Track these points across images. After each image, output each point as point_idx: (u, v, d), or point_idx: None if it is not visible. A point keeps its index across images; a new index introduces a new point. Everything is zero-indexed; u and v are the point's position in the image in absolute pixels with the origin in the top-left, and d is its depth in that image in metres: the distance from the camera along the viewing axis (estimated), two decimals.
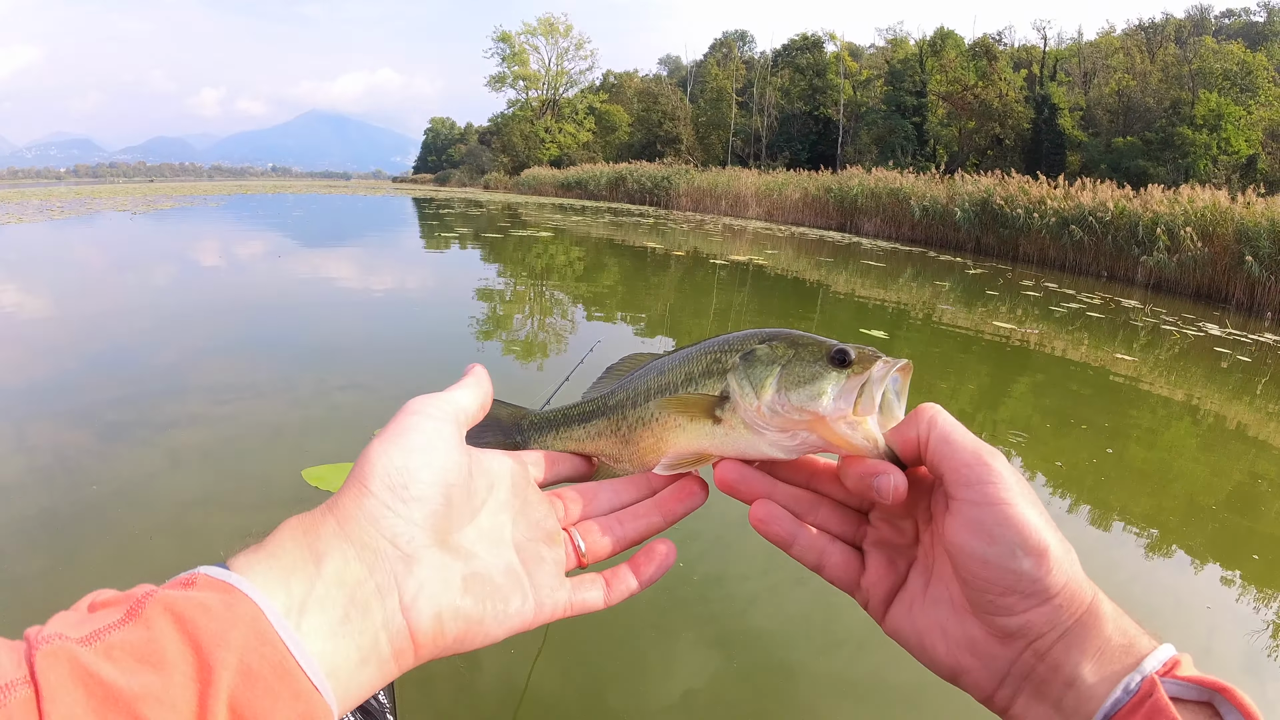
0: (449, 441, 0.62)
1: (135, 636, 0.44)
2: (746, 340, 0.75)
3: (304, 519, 0.56)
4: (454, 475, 0.61)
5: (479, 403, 0.69)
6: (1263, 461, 5.65)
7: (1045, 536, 0.58)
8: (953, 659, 0.64)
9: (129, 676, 0.41)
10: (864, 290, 12.74)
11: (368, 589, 0.54)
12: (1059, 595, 0.58)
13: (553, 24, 69.26)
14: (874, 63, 51.27)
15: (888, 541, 0.72)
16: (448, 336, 7.78)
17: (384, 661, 0.55)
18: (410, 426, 0.61)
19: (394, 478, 0.57)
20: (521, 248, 16.95)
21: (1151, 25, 44.13)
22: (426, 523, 0.58)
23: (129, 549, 3.22)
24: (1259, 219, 14.64)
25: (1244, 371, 8.61)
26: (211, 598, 0.47)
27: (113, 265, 12.49)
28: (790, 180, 31.89)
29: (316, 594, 0.51)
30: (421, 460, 0.59)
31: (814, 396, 0.67)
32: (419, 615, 0.56)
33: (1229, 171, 32.14)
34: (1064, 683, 0.58)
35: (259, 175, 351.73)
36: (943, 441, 0.63)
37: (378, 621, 0.54)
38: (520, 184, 55.61)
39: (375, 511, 0.56)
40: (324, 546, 0.54)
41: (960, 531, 0.60)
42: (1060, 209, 19.24)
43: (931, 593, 0.67)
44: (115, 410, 4.96)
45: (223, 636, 0.45)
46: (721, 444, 0.73)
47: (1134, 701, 0.53)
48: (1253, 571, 3.78)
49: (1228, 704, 0.51)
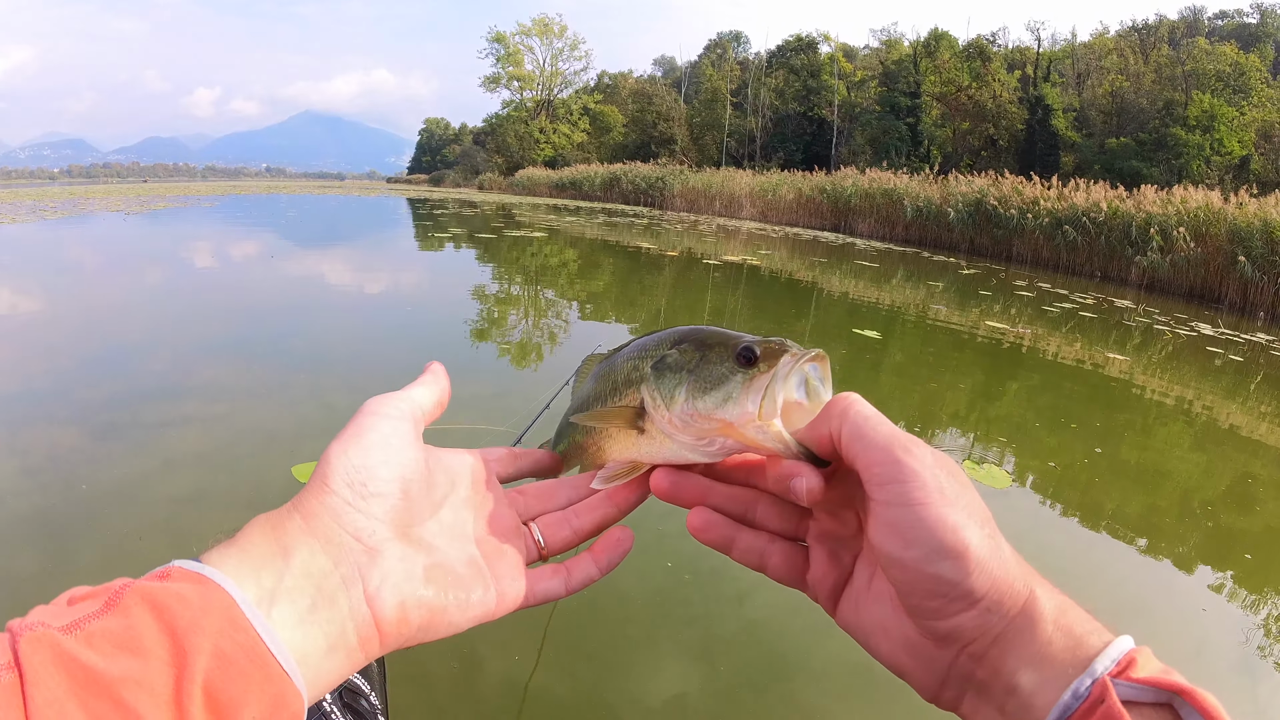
0: (405, 439, 0.63)
1: (114, 625, 0.45)
2: (661, 344, 0.74)
3: (271, 516, 0.58)
4: (411, 471, 0.62)
5: (435, 399, 0.71)
6: (1256, 460, 5.65)
7: (965, 536, 0.54)
8: (895, 659, 0.62)
9: (109, 661, 0.43)
10: (858, 291, 12.75)
11: (334, 580, 0.56)
12: (985, 598, 0.54)
13: (547, 24, 69.28)
14: (868, 64, 51.28)
15: (831, 534, 0.69)
16: (442, 337, 7.76)
17: (351, 649, 0.57)
18: (367, 426, 0.62)
19: (353, 475, 0.59)
20: (516, 248, 16.94)
21: (1145, 26, 44.22)
22: (387, 517, 0.60)
23: (122, 549, 3.20)
24: (1251, 219, 14.68)
25: (1237, 371, 8.63)
26: (187, 588, 0.49)
27: (106, 266, 12.44)
28: (784, 181, 31.88)
29: (285, 585, 0.53)
30: (379, 458, 0.60)
31: (720, 402, 0.65)
32: (383, 604, 0.58)
33: (1222, 172, 32.22)
34: (1004, 688, 0.54)
35: (253, 176, 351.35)
36: (854, 438, 0.59)
37: (344, 611, 0.56)
38: (515, 184, 55.57)
39: (337, 508, 0.58)
40: (291, 541, 0.56)
41: (877, 533, 0.57)
42: (1054, 209, 19.29)
43: (875, 588, 0.64)
44: (108, 411, 4.93)
45: (197, 624, 0.47)
46: (649, 453, 0.72)
47: (1083, 708, 0.49)
48: (1246, 571, 3.78)
49: (1189, 706, 0.47)
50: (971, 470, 4.68)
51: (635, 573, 3.20)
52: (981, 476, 4.59)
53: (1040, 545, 3.91)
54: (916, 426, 5.65)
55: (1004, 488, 4.51)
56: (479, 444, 0.78)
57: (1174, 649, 3.08)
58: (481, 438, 4.36)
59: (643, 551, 3.39)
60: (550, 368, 6.63)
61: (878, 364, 7.52)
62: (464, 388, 5.88)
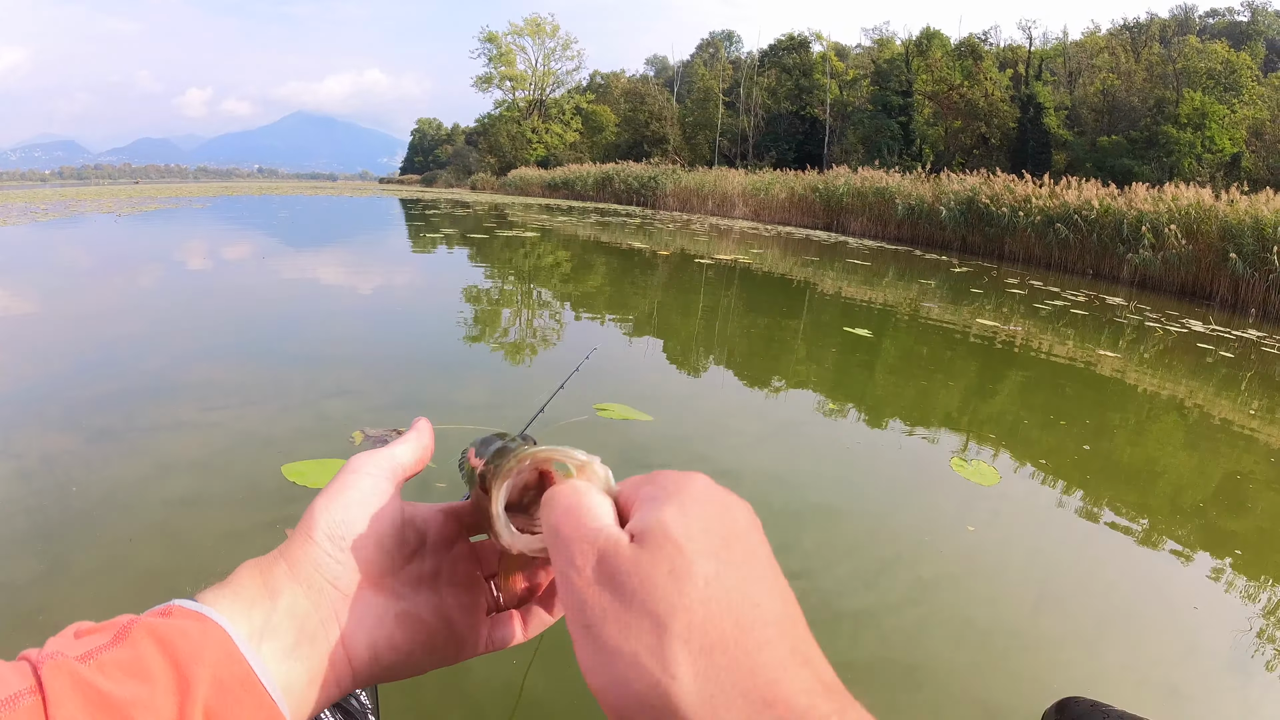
0: (383, 496, 0.67)
1: (124, 655, 0.50)
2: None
3: (259, 562, 0.63)
4: (386, 526, 0.66)
5: (416, 457, 0.74)
6: (1248, 456, 5.66)
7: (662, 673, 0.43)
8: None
9: (120, 687, 0.48)
10: (850, 289, 12.76)
11: (314, 621, 0.60)
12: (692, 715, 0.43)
13: (539, 24, 69.34)
14: (860, 63, 51.38)
15: None
16: (435, 339, 7.74)
17: (327, 684, 0.61)
18: (349, 484, 0.66)
19: (334, 529, 0.63)
20: (509, 249, 16.92)
21: (1136, 25, 44.36)
22: (362, 568, 0.64)
23: (118, 553, 3.18)
24: (1243, 217, 14.73)
25: (1228, 367, 8.65)
26: (187, 624, 0.54)
27: (97, 268, 12.38)
28: (777, 180, 31.95)
29: (272, 623, 0.58)
30: (358, 514, 0.65)
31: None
32: (356, 646, 0.62)
33: (1213, 170, 32.34)
34: None
35: (245, 176, 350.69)
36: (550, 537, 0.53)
37: (323, 650, 0.60)
38: (507, 184, 55.58)
39: (319, 558, 0.62)
40: (277, 585, 0.60)
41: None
42: (1045, 207, 19.34)
43: None
44: (101, 414, 4.89)
45: (198, 655, 0.52)
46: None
47: None
48: (1237, 568, 3.78)
49: None
50: (960, 468, 4.69)
51: None
52: (970, 474, 4.60)
53: (1032, 546, 3.91)
54: (906, 426, 5.66)
55: (993, 484, 4.51)
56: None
57: (1166, 649, 3.08)
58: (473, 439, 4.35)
59: None
60: (544, 369, 6.61)
61: (870, 363, 7.52)
62: (458, 389, 5.86)
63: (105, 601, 2.85)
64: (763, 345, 8.13)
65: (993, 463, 4.86)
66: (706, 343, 8.10)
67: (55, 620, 2.72)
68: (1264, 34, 45.55)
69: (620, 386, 5.92)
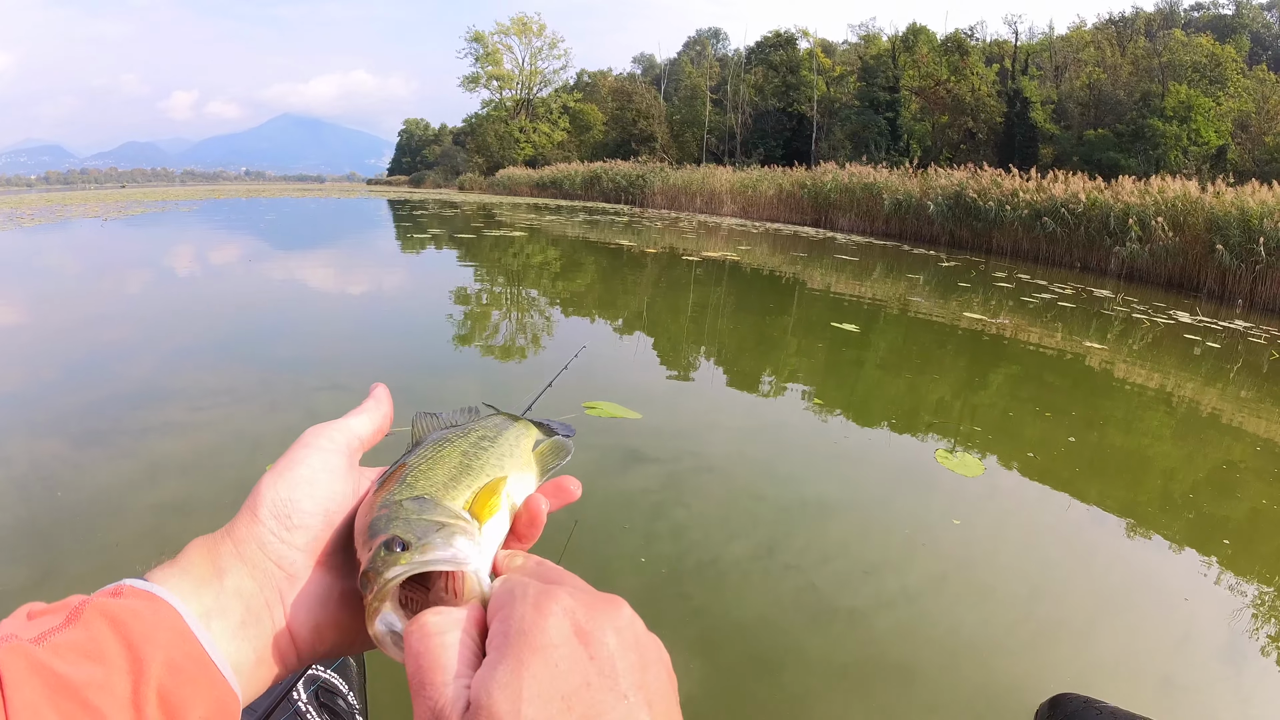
0: (334, 472, 0.67)
1: (78, 636, 0.50)
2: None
3: (207, 540, 0.62)
4: (335, 504, 0.66)
5: (374, 427, 0.73)
6: (1238, 445, 5.68)
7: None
8: None
9: (76, 669, 0.48)
10: (839, 285, 12.79)
11: (259, 601, 0.60)
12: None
13: (526, 23, 69.23)
14: (847, 59, 51.47)
15: None
16: (424, 338, 7.73)
17: (272, 663, 0.61)
18: (299, 460, 0.66)
19: (279, 508, 0.63)
20: (497, 248, 16.90)
21: (1121, 19, 44.51)
22: (308, 547, 0.64)
23: (110, 558, 3.17)
24: (1229, 208, 14.80)
25: (1215, 358, 8.67)
26: (139, 604, 0.54)
27: (85, 272, 12.35)
28: (765, 177, 31.97)
29: (220, 603, 0.58)
30: (305, 492, 0.65)
31: None
32: (299, 625, 0.62)
33: (1199, 162, 32.47)
34: None
35: (232, 179, 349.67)
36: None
37: (268, 628, 0.60)
38: (495, 184, 55.52)
39: (263, 537, 0.62)
40: (224, 564, 0.61)
41: None
42: (1033, 201, 19.38)
43: None
44: (90, 418, 4.88)
45: (151, 636, 0.52)
46: None
47: None
48: (1226, 558, 3.78)
49: None
50: (944, 459, 4.69)
51: (631, 570, 3.18)
52: (954, 465, 4.60)
53: (1023, 537, 3.91)
54: (893, 420, 5.66)
55: (976, 475, 4.51)
56: None
57: (1158, 639, 3.07)
58: None
59: (634, 552, 3.38)
60: (533, 367, 6.60)
61: (858, 358, 7.52)
62: (447, 387, 5.85)
63: None
64: (751, 342, 8.12)
65: (984, 456, 4.86)
66: (695, 340, 8.08)
67: None
68: (1248, 27, 45.76)
69: (609, 384, 5.91)
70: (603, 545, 3.38)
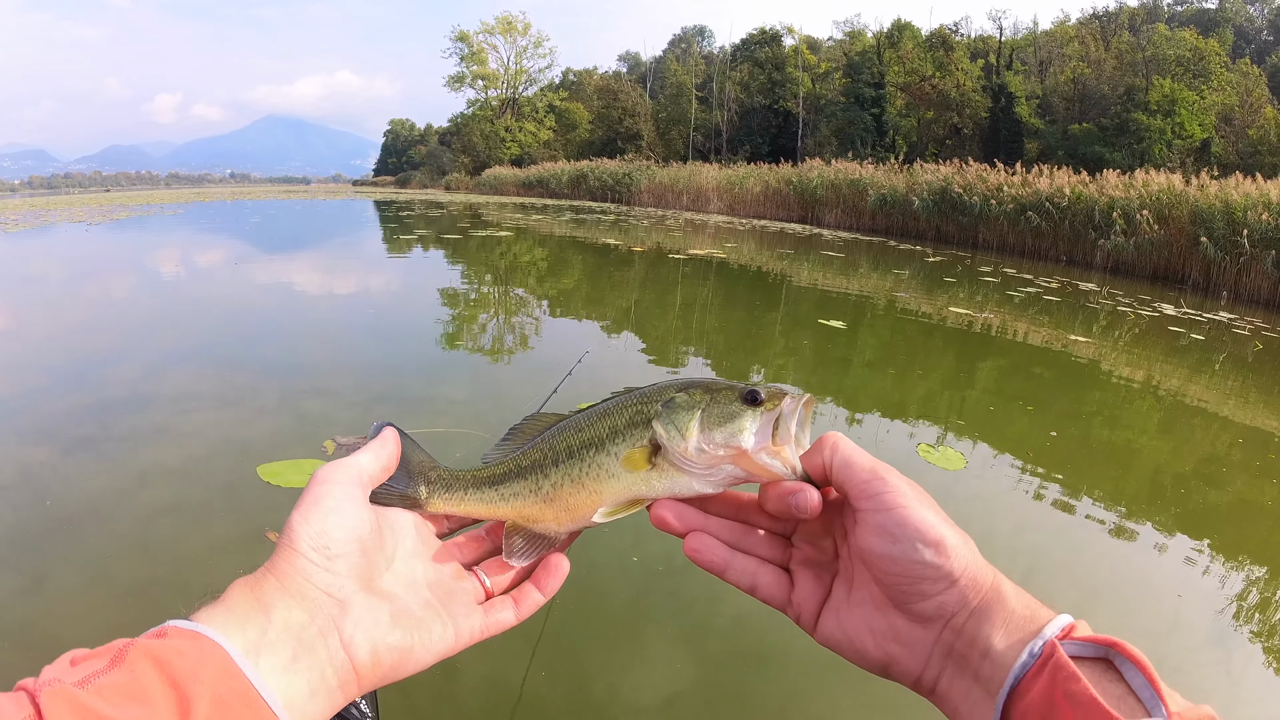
0: (355, 503, 0.71)
1: (122, 678, 0.51)
2: (664, 391, 0.81)
3: (249, 580, 0.65)
4: (364, 531, 0.70)
5: (382, 465, 0.77)
6: (1225, 436, 5.72)
7: (941, 531, 0.66)
8: (881, 651, 0.71)
9: (120, 710, 0.49)
10: (826, 281, 12.82)
11: (311, 632, 0.63)
12: (962, 577, 0.66)
13: (511, 23, 69.16)
14: (832, 55, 51.53)
15: (811, 560, 0.79)
16: (411, 340, 7.71)
17: (331, 692, 0.64)
18: (321, 495, 0.70)
19: (316, 540, 0.67)
20: (484, 248, 16.87)
21: (1106, 14, 44.68)
22: (351, 573, 0.68)
23: (100, 565, 3.16)
24: (1213, 201, 14.89)
25: (1200, 350, 8.72)
26: (183, 644, 0.55)
27: (70, 277, 12.27)
28: (751, 174, 32.03)
29: (269, 638, 0.60)
30: (335, 523, 0.68)
31: (736, 433, 0.75)
32: (358, 650, 0.65)
33: (1183, 155, 32.63)
34: (980, 653, 0.64)
35: (217, 182, 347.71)
36: (844, 464, 0.71)
37: (323, 658, 0.63)
38: (481, 184, 55.44)
39: (307, 569, 0.65)
40: (269, 600, 0.63)
41: (868, 537, 0.69)
42: (1018, 196, 19.47)
43: (854, 598, 0.74)
44: (77, 425, 4.85)
45: (196, 674, 0.53)
46: (654, 487, 0.79)
47: (1039, 664, 0.59)
48: (1215, 548, 3.81)
49: (1121, 656, 0.58)
50: (926, 454, 4.71)
51: (619, 573, 3.19)
52: (937, 460, 4.62)
53: (1007, 529, 3.93)
54: (878, 413, 5.68)
55: (958, 469, 4.54)
56: (455, 446, 0.80)
57: (1148, 628, 3.10)
58: (456, 441, 4.32)
59: (626, 550, 3.38)
60: (522, 369, 6.60)
61: (844, 354, 7.54)
62: (435, 390, 5.84)
63: (90, 615, 2.83)
64: (739, 339, 8.14)
65: (972, 449, 4.89)
66: (684, 338, 8.09)
67: (41, 635, 2.70)
68: (1231, 20, 46.03)
69: (598, 384, 5.90)
70: (595, 545, 3.38)
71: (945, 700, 0.68)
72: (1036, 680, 0.59)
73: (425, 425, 4.61)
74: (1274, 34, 47.43)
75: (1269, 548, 3.95)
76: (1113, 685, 0.57)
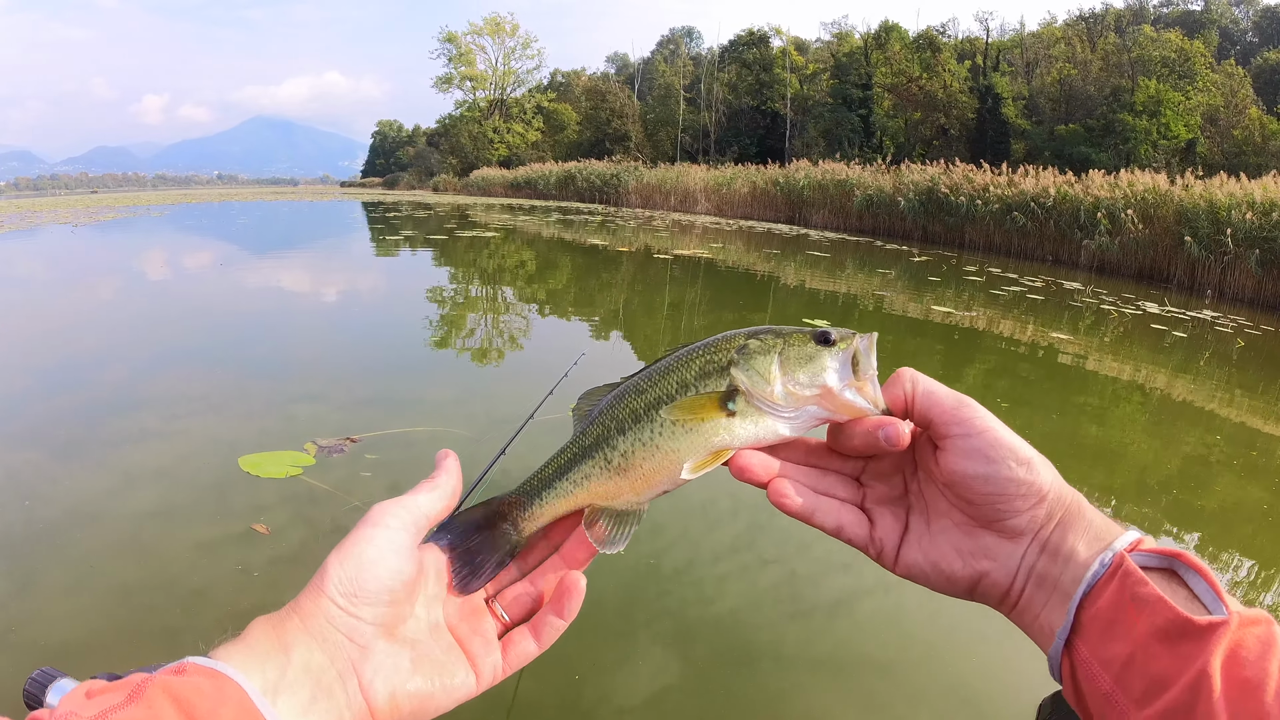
0: (399, 552, 0.69)
1: (139, 714, 0.51)
2: (730, 340, 0.82)
3: (272, 618, 0.65)
4: (399, 581, 0.69)
5: (444, 504, 0.76)
6: (1211, 434, 5.75)
7: (1030, 450, 0.72)
8: (970, 570, 0.75)
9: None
10: (813, 281, 12.85)
11: (330, 675, 0.63)
12: (1050, 491, 0.71)
13: (499, 24, 68.99)
14: (820, 57, 51.65)
15: (885, 497, 0.82)
16: (399, 342, 7.70)
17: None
18: (366, 539, 0.68)
19: (346, 586, 0.66)
20: (472, 249, 16.87)
21: (1092, 15, 44.86)
22: (376, 620, 0.67)
23: (89, 569, 3.15)
24: (1197, 201, 15.00)
25: (1184, 348, 8.76)
26: (202, 681, 0.55)
27: (57, 280, 12.22)
28: (739, 175, 32.11)
29: (288, 679, 0.60)
30: (371, 573, 0.67)
31: (819, 372, 0.78)
32: (376, 695, 0.65)
33: (1169, 156, 32.79)
34: (1063, 562, 0.70)
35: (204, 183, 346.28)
36: (927, 395, 0.74)
37: (341, 702, 0.63)
38: (469, 185, 55.36)
39: (331, 613, 0.65)
40: (290, 639, 0.63)
41: (960, 461, 0.72)
42: (1004, 196, 19.57)
43: (935, 526, 0.77)
44: (65, 427, 4.84)
45: (214, 713, 0.53)
46: (737, 435, 0.79)
47: (1109, 572, 0.65)
48: (1200, 545, 3.83)
49: (1184, 565, 0.64)
50: None
51: (610, 575, 3.20)
52: None
53: None
54: None
55: None
56: (442, 445, 0.79)
57: None
58: (443, 441, 4.31)
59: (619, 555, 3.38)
60: (512, 370, 6.59)
61: None
62: (424, 391, 5.83)
63: (78, 619, 2.82)
64: None
65: None
66: (673, 338, 8.10)
67: (27, 639, 2.68)
68: (1216, 22, 46.30)
69: (595, 384, 5.90)
70: None
71: (1024, 613, 0.73)
72: (1107, 587, 0.65)
73: (413, 422, 4.61)
74: (1259, 36, 47.80)
75: (1254, 543, 3.98)
76: (1178, 589, 0.63)
